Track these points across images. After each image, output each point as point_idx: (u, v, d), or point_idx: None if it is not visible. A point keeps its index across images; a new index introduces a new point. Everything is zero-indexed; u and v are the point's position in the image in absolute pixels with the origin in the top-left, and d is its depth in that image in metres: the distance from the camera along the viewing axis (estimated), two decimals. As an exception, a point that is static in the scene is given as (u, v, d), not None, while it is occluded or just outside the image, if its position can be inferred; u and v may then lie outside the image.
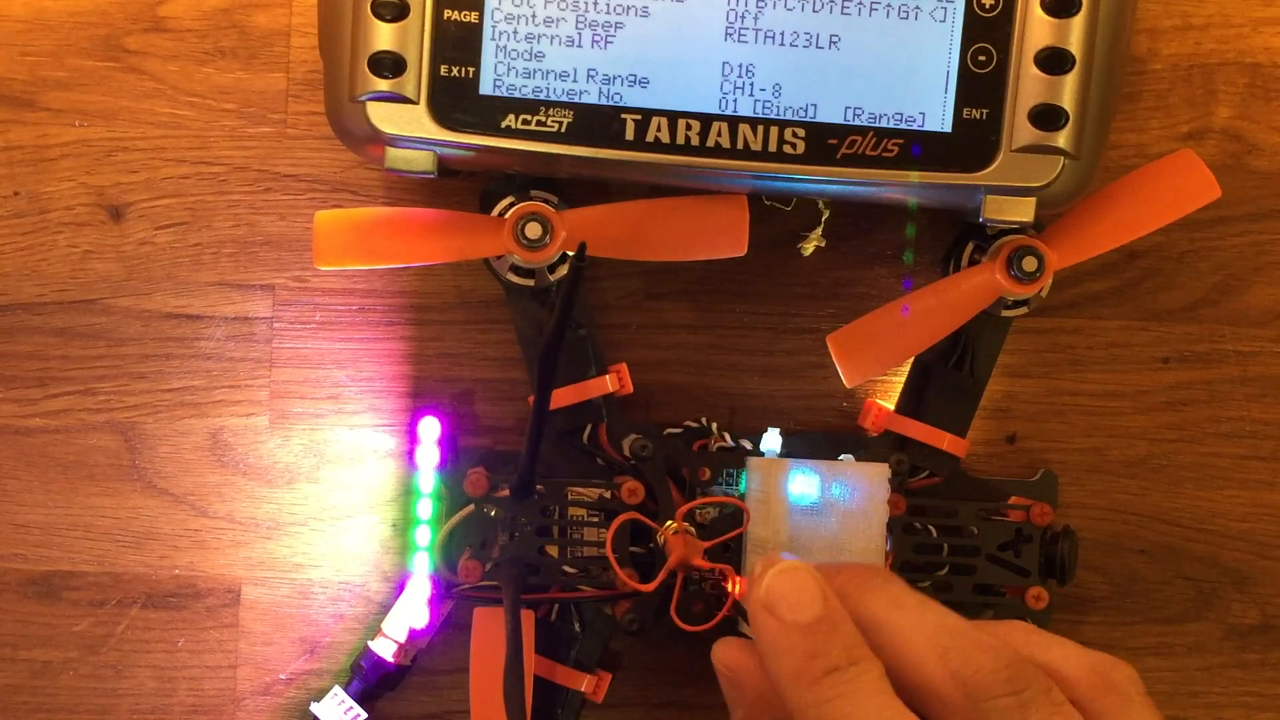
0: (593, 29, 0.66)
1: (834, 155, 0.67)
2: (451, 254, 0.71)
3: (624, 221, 0.71)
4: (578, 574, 0.72)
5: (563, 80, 0.66)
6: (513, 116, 0.66)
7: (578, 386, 0.74)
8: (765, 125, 0.66)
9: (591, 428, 0.75)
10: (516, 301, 0.74)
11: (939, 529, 0.75)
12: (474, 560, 0.71)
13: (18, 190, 0.76)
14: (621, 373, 0.76)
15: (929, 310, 0.73)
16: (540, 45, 0.66)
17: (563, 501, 0.72)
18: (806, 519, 0.70)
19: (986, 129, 0.66)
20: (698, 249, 0.73)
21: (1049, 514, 0.75)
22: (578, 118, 0.66)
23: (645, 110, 0.66)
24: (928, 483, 0.76)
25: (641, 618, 0.72)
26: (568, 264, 0.72)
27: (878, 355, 0.74)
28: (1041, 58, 0.65)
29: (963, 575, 0.74)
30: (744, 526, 0.70)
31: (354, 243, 0.71)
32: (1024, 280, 0.72)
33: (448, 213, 0.72)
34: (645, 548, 0.72)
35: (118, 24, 0.76)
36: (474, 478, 0.72)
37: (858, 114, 0.66)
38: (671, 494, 0.72)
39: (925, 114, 0.66)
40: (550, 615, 0.74)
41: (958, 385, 0.76)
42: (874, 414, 0.77)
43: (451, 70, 0.66)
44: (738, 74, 0.66)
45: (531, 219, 0.70)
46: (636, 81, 0.66)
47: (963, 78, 0.66)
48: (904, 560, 0.74)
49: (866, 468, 0.71)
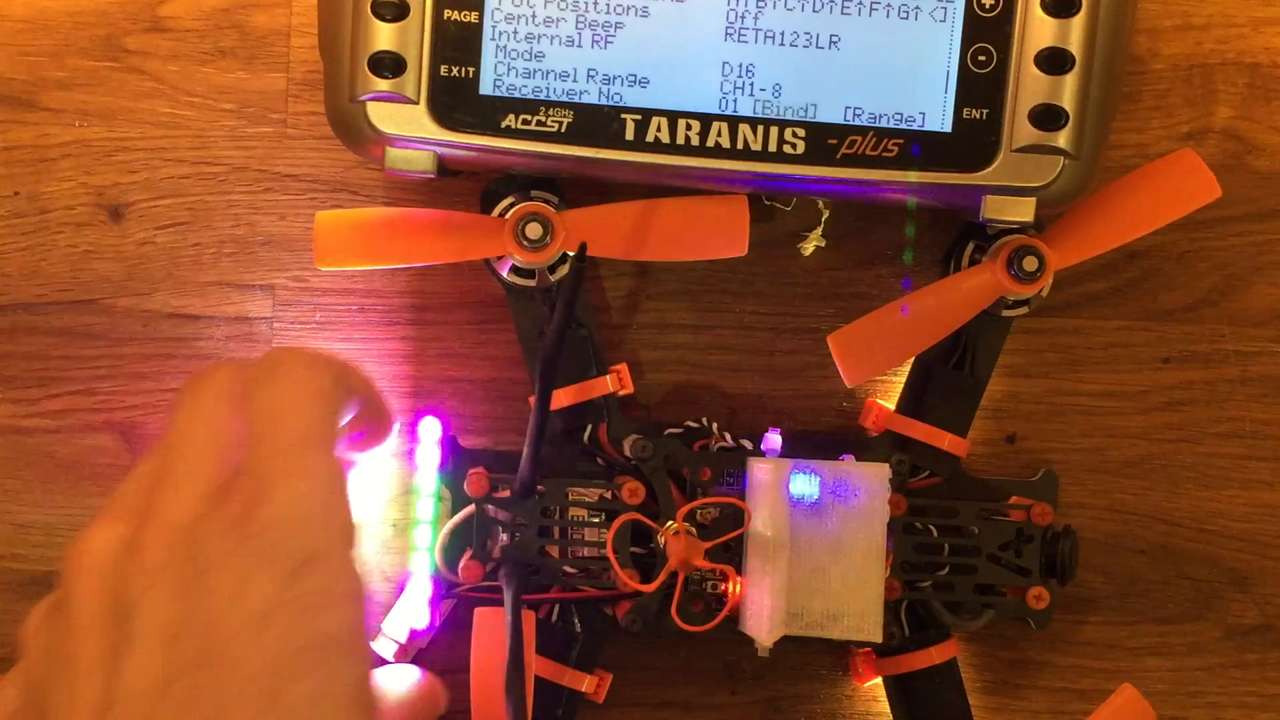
0: (593, 29, 0.66)
1: (834, 155, 0.67)
2: (452, 254, 0.71)
3: (624, 221, 0.71)
4: (578, 574, 0.72)
5: (563, 80, 0.66)
6: (513, 116, 0.66)
7: (579, 387, 0.74)
8: (765, 125, 0.66)
9: (592, 428, 0.75)
10: (517, 302, 0.74)
11: (939, 529, 0.75)
12: (475, 560, 0.71)
13: (18, 190, 0.76)
14: (622, 373, 0.75)
15: (930, 310, 0.73)
16: (540, 45, 0.66)
17: (563, 502, 0.72)
18: (807, 519, 0.70)
19: (987, 129, 0.66)
20: (698, 249, 0.73)
21: (1050, 514, 0.74)
22: (578, 118, 0.66)
23: (645, 110, 0.66)
24: (928, 482, 0.76)
25: (643, 618, 0.72)
26: (568, 264, 0.72)
27: (878, 355, 0.74)
28: (1042, 58, 0.65)
29: (963, 575, 0.74)
30: (745, 527, 0.70)
31: (355, 243, 0.71)
32: (1024, 280, 0.72)
33: (448, 213, 0.72)
34: (646, 548, 0.72)
35: (118, 24, 0.76)
36: (475, 478, 0.72)
37: (858, 114, 0.66)
38: (672, 494, 0.72)
39: (925, 114, 0.66)
40: (551, 615, 0.74)
41: (958, 385, 0.76)
42: (874, 414, 0.77)
43: (452, 70, 0.66)
44: (738, 74, 0.66)
45: (532, 219, 0.70)
46: (636, 81, 0.66)
47: (963, 78, 0.66)
48: (905, 560, 0.74)
49: (867, 468, 0.70)
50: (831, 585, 0.69)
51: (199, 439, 0.55)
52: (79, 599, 0.53)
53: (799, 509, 0.70)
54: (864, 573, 0.70)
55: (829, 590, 0.70)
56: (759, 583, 0.70)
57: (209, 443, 0.55)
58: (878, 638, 0.70)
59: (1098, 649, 0.79)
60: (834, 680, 0.79)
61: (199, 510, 0.53)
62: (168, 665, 0.50)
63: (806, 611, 0.69)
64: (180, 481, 0.54)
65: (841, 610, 0.69)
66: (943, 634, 0.76)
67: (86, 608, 0.52)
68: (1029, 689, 0.79)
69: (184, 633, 0.51)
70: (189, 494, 0.54)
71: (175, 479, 0.54)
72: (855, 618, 0.70)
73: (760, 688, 0.79)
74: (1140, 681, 0.76)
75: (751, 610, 0.70)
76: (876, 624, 0.70)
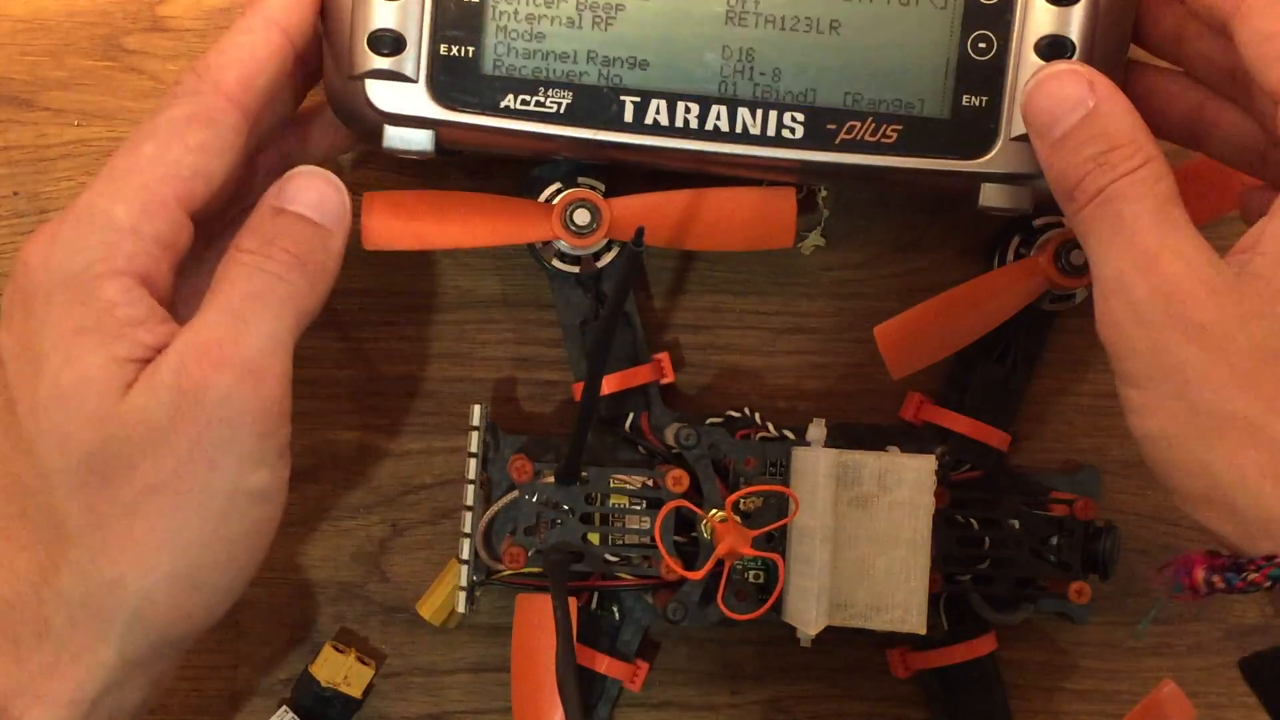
0: (593, 10, 0.66)
1: (832, 140, 0.66)
2: (499, 238, 0.72)
3: (672, 210, 0.72)
4: (619, 561, 0.72)
5: (562, 61, 0.66)
6: (512, 96, 0.66)
7: (621, 375, 0.74)
8: (764, 109, 0.66)
9: (633, 416, 0.75)
10: (560, 289, 0.74)
11: (980, 522, 0.74)
12: (518, 546, 0.71)
13: (17, 190, 0.76)
14: (663, 362, 0.76)
15: (976, 304, 0.73)
16: (541, 26, 0.66)
17: (606, 489, 0.72)
18: (853, 510, 0.69)
19: (985, 116, 0.66)
20: (744, 240, 0.73)
21: (1093, 509, 0.74)
22: (576, 99, 0.66)
23: (644, 92, 0.66)
24: (969, 475, 0.76)
25: (685, 606, 0.72)
26: (612, 251, 0.73)
27: (924, 348, 0.73)
28: (1042, 45, 0.65)
29: (1004, 568, 0.74)
30: (791, 516, 0.70)
31: (403, 225, 0.71)
32: (1072, 274, 0.72)
33: (496, 197, 0.72)
34: (688, 536, 0.72)
35: (117, 23, 0.76)
36: (519, 464, 0.72)
37: (857, 99, 0.66)
38: (716, 484, 0.72)
39: (924, 100, 0.66)
40: (591, 604, 0.74)
41: (1002, 379, 0.76)
42: (916, 406, 0.77)
43: (451, 49, 0.66)
44: (738, 57, 0.66)
45: (580, 205, 0.71)
46: (636, 63, 0.66)
47: (962, 65, 0.66)
48: (945, 553, 0.73)
49: (913, 459, 0.70)
50: (876, 576, 0.69)
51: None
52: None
53: (845, 499, 0.69)
54: (909, 564, 0.69)
55: (873, 581, 0.69)
56: (804, 572, 0.69)
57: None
58: (921, 629, 0.69)
59: (1097, 649, 0.79)
60: (834, 681, 0.79)
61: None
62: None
63: (851, 602, 0.69)
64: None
65: (885, 602, 0.69)
66: (982, 628, 0.76)
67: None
68: (1029, 689, 0.79)
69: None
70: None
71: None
72: (899, 609, 0.69)
73: (760, 688, 0.79)
74: (1141, 682, 0.77)
75: (796, 600, 0.70)
76: (921, 616, 0.69)
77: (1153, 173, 0.58)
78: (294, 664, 0.78)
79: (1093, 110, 0.59)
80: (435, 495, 0.78)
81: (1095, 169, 0.58)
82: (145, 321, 0.59)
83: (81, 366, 0.58)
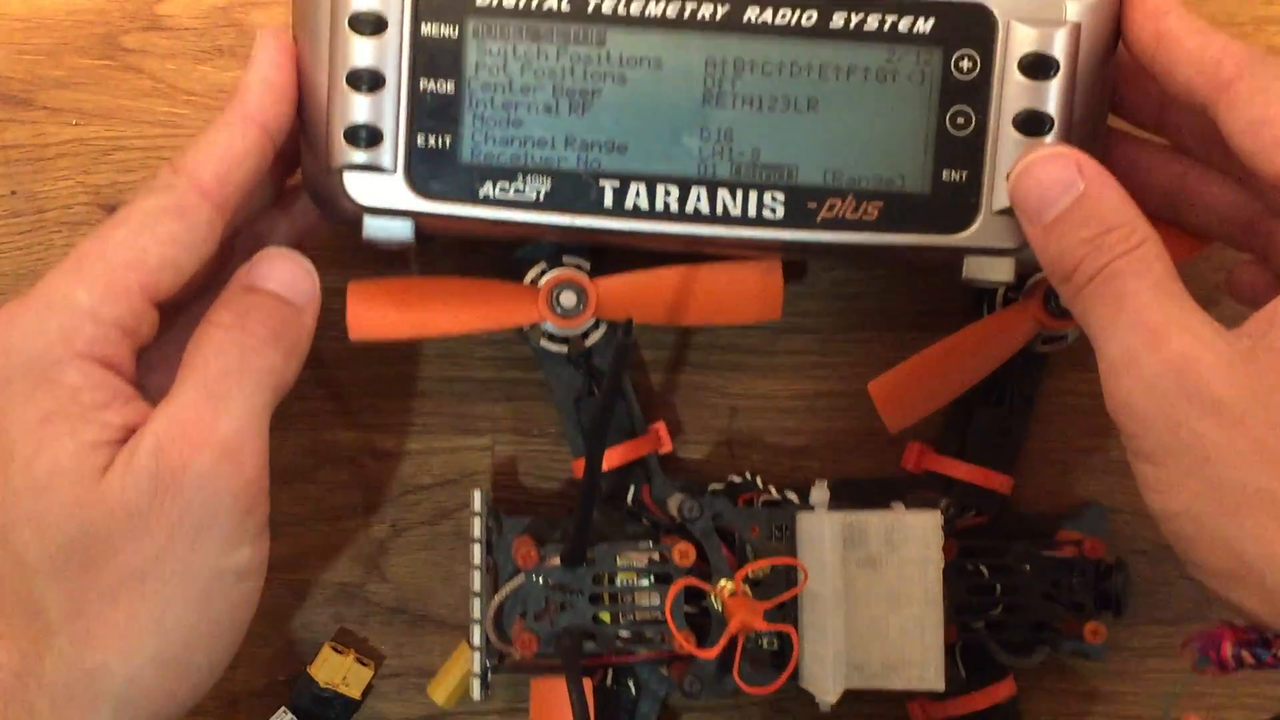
0: (570, 96, 0.65)
1: (814, 219, 0.66)
2: (486, 323, 0.72)
3: (659, 288, 0.72)
4: (632, 639, 0.72)
5: (540, 147, 0.65)
6: (490, 184, 0.65)
7: (620, 449, 0.74)
8: (744, 189, 0.65)
9: (634, 489, 0.75)
10: (551, 368, 0.74)
11: (990, 568, 0.74)
12: (529, 632, 0.71)
13: (15, 189, 0.77)
14: (660, 431, 0.76)
15: (969, 353, 0.73)
16: (518, 113, 0.65)
17: (613, 568, 0.72)
18: (862, 570, 0.69)
19: (966, 191, 0.65)
20: (732, 314, 0.73)
21: (1102, 549, 0.75)
22: (556, 184, 0.65)
23: (624, 175, 0.65)
24: (975, 522, 0.76)
25: (701, 680, 0.72)
26: (600, 329, 0.73)
27: (920, 400, 0.74)
28: (1020, 120, 0.64)
29: (1016, 613, 0.74)
30: (801, 585, 0.70)
31: (390, 315, 0.71)
32: (1062, 316, 0.71)
33: (481, 282, 0.72)
34: (698, 606, 0.72)
35: (115, 22, 0.76)
36: (523, 549, 0.71)
37: (837, 177, 0.65)
38: (723, 554, 0.72)
39: (905, 176, 0.65)
40: (605, 679, 0.74)
41: (1000, 423, 0.76)
42: (917, 455, 0.77)
43: (429, 139, 0.65)
44: (716, 138, 0.65)
45: (566, 288, 0.71)
46: (615, 147, 0.65)
47: (941, 140, 0.65)
48: (957, 602, 0.73)
49: (918, 516, 0.70)
50: (890, 636, 0.69)
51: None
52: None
53: (853, 562, 0.69)
54: (923, 621, 0.69)
55: (888, 641, 0.69)
56: (818, 638, 0.69)
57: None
58: (939, 686, 0.69)
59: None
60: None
61: None
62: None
63: (867, 663, 0.69)
64: None
65: (902, 660, 0.69)
66: (999, 673, 0.76)
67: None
68: (1028, 688, 0.79)
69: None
70: None
71: None
72: (917, 667, 0.69)
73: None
74: (1142, 683, 0.78)
75: (812, 666, 0.70)
76: (938, 672, 0.69)
77: (1150, 251, 0.58)
78: (293, 664, 0.79)
79: (1083, 194, 0.59)
80: (435, 495, 0.79)
81: (1092, 251, 0.58)
82: (111, 403, 0.60)
83: (53, 454, 0.59)
